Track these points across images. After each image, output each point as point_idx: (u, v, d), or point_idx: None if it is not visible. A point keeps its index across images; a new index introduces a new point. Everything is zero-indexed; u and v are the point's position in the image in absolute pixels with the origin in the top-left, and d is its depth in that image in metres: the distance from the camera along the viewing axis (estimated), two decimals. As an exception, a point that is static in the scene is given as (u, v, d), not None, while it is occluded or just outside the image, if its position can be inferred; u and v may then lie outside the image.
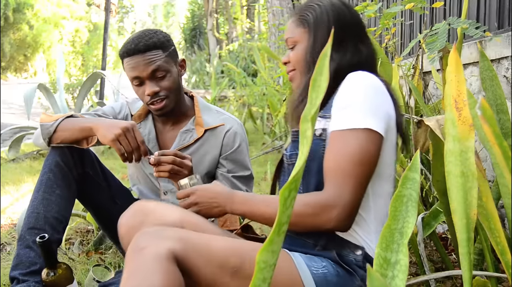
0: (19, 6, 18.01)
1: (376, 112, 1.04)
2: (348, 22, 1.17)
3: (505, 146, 0.71)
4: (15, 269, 1.39)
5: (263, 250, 0.59)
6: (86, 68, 12.58)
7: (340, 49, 1.15)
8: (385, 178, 1.10)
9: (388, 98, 1.09)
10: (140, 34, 1.54)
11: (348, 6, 1.21)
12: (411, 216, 0.78)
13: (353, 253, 1.06)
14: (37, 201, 1.45)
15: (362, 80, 1.08)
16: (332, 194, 1.00)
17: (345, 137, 1.03)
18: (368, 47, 1.19)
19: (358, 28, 1.19)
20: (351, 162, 1.00)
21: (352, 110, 1.04)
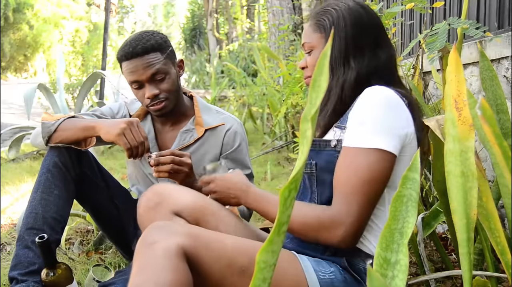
0: (19, 6, 18.02)
1: (388, 131, 1.03)
2: (366, 26, 1.15)
3: (505, 146, 0.71)
4: (14, 269, 1.39)
5: (263, 250, 0.59)
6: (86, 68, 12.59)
7: (357, 56, 1.13)
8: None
9: (404, 114, 1.07)
10: (137, 37, 1.53)
11: (366, 8, 1.17)
12: (411, 216, 0.78)
13: (363, 262, 1.06)
14: (35, 202, 1.45)
15: (378, 96, 1.05)
16: (340, 211, 1.00)
17: (355, 155, 1.03)
18: (387, 50, 1.16)
19: (376, 32, 1.16)
20: (359, 181, 1.00)
21: (364, 128, 1.04)
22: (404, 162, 1.07)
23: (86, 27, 21.38)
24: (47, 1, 19.47)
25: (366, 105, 1.06)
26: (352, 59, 1.12)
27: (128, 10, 37.54)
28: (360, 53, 1.13)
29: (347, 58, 1.13)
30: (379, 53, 1.14)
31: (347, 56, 1.13)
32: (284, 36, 5.96)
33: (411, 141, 1.07)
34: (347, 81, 1.12)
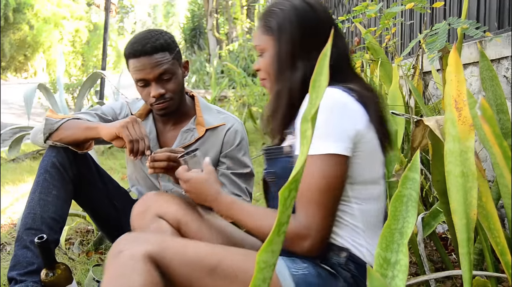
0: (19, 6, 18.01)
1: (336, 134, 1.03)
2: (312, 25, 1.13)
3: (505, 146, 0.71)
4: (13, 270, 1.39)
5: (263, 250, 0.59)
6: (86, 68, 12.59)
7: (304, 56, 1.11)
8: (371, 182, 1.09)
9: (351, 113, 1.06)
10: (146, 35, 1.53)
11: (313, 5, 1.15)
12: (411, 216, 0.78)
13: (337, 256, 1.06)
14: (33, 202, 1.46)
15: (327, 101, 1.04)
16: (303, 223, 1.01)
17: (312, 163, 1.02)
18: (338, 46, 1.13)
19: (324, 29, 1.13)
20: (317, 191, 1.01)
21: (316, 135, 1.02)
22: (365, 156, 1.07)
23: (86, 27, 21.36)
24: (47, 1, 19.46)
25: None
26: (299, 61, 1.11)
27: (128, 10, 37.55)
28: (307, 53, 1.11)
29: (294, 60, 1.12)
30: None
31: (294, 58, 1.12)
32: (284, 36, 5.94)
33: (364, 136, 1.06)
34: (294, 83, 1.12)
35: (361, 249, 1.07)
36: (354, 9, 1.94)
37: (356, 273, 1.05)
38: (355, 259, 1.06)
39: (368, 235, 1.09)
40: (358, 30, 4.14)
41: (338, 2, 5.27)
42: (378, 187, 1.11)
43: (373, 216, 1.10)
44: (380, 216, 1.13)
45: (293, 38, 1.12)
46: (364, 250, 1.07)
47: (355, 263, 1.05)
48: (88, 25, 21.57)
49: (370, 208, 1.09)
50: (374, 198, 1.09)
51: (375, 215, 1.10)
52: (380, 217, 1.13)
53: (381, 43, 2.81)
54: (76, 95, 6.68)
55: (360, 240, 1.07)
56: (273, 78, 1.16)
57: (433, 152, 1.23)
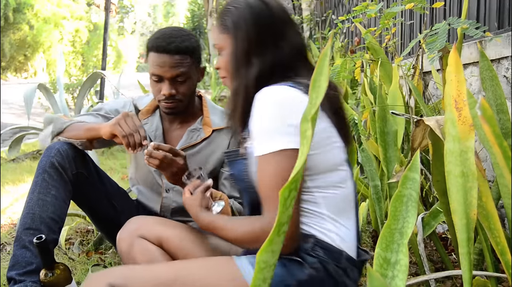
0: (19, 6, 18.01)
1: (284, 129, 1.05)
2: (267, 22, 1.15)
3: (505, 146, 0.71)
4: (12, 270, 1.39)
5: (263, 250, 0.59)
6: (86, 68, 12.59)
7: (259, 53, 1.14)
8: (330, 170, 1.11)
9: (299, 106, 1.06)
10: (173, 33, 1.53)
11: (268, 3, 1.18)
12: (411, 216, 0.78)
13: (303, 243, 1.07)
14: (32, 202, 1.46)
15: (267, 99, 1.07)
16: (268, 221, 1.04)
17: (263, 163, 1.06)
18: (292, 42, 1.16)
19: (279, 26, 1.16)
20: (275, 187, 1.03)
21: (262, 134, 1.06)
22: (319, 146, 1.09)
23: (86, 27, 21.35)
24: (47, 1, 19.45)
25: (258, 111, 1.08)
26: (254, 57, 1.14)
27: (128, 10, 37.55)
28: (262, 50, 1.14)
29: (249, 57, 1.15)
30: (283, 46, 1.15)
31: (249, 55, 1.15)
32: (284, 36, 5.95)
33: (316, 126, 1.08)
34: (249, 80, 1.14)
35: (329, 234, 1.08)
36: (354, 9, 1.94)
37: (325, 257, 1.06)
38: (322, 244, 1.07)
39: (336, 220, 1.10)
40: (358, 30, 4.14)
41: (338, 2, 5.27)
42: (340, 173, 1.12)
43: (339, 201, 1.11)
44: (349, 200, 1.15)
45: (248, 35, 1.14)
46: (332, 235, 1.08)
47: (323, 249, 1.06)
48: (88, 25, 21.56)
49: (335, 195, 1.10)
50: (336, 185, 1.11)
51: (342, 200, 1.12)
52: (349, 201, 1.15)
53: (381, 43, 2.81)
54: (76, 95, 6.68)
55: (327, 226, 1.09)
56: (231, 76, 1.19)
57: (433, 152, 1.23)
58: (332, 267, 1.06)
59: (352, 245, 1.12)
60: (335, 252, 1.07)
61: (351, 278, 1.09)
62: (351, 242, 1.12)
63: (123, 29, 34.16)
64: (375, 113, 1.72)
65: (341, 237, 1.09)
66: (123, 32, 33.08)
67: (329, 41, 0.61)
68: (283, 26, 1.17)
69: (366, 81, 2.47)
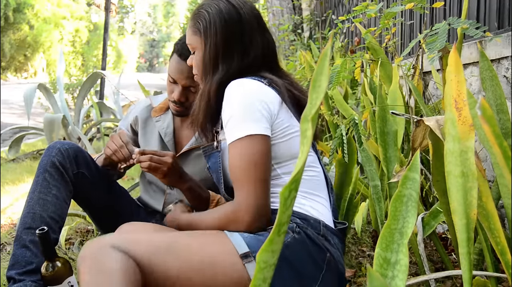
0: (19, 6, 18.00)
1: (251, 116, 1.12)
2: (237, 27, 1.20)
3: (505, 146, 0.71)
4: (12, 269, 1.39)
5: (263, 250, 0.59)
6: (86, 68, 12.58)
7: (227, 57, 1.20)
8: (296, 156, 1.18)
9: (263, 95, 1.15)
10: None
11: (238, 7, 1.22)
12: (411, 216, 0.78)
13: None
14: (33, 201, 1.46)
15: (234, 90, 1.15)
16: (239, 202, 1.12)
17: (234, 149, 1.13)
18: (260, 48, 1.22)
19: (248, 32, 1.21)
20: (244, 170, 1.11)
21: (231, 123, 1.13)
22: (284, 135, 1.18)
23: (86, 27, 21.34)
24: (47, 1, 19.44)
25: (226, 101, 1.15)
26: (221, 64, 1.20)
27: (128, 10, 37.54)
28: (229, 54, 1.20)
29: (217, 61, 1.21)
30: (249, 53, 1.21)
31: (217, 60, 1.21)
32: (284, 36, 5.96)
33: (278, 115, 1.16)
34: (212, 85, 1.21)
35: (304, 207, 1.17)
36: (354, 9, 1.94)
37: (302, 224, 1.13)
38: (298, 214, 1.15)
39: (308, 196, 1.19)
40: (358, 30, 4.14)
41: (338, 2, 5.27)
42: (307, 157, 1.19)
43: (309, 181, 1.20)
44: (319, 180, 1.24)
45: (217, 42, 1.20)
46: (307, 208, 1.17)
47: (299, 218, 1.14)
48: (88, 25, 21.55)
49: (304, 177, 1.18)
50: (305, 168, 1.19)
51: (311, 180, 1.21)
52: (319, 181, 1.24)
53: (381, 43, 2.81)
54: (76, 95, 6.68)
55: (301, 201, 1.17)
56: (202, 76, 1.26)
57: (433, 152, 1.23)
58: (311, 233, 1.13)
59: (328, 217, 1.21)
60: (312, 221, 1.15)
61: (333, 244, 1.17)
62: (326, 214, 1.21)
63: (123, 29, 34.16)
64: (375, 113, 1.72)
65: (316, 210, 1.18)
66: (123, 32, 33.07)
67: (329, 41, 0.61)
68: (252, 33, 1.22)
69: (366, 81, 2.47)
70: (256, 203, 1.10)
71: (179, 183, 1.48)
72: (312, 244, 1.12)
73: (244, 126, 1.11)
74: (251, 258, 1.07)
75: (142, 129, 1.76)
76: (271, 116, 1.15)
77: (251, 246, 1.08)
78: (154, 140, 1.72)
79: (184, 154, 1.67)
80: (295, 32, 6.04)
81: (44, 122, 3.96)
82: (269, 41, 1.26)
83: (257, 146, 1.11)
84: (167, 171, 1.43)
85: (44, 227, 1.28)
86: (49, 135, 3.93)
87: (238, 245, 1.08)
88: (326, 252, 1.13)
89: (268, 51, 1.25)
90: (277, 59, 1.30)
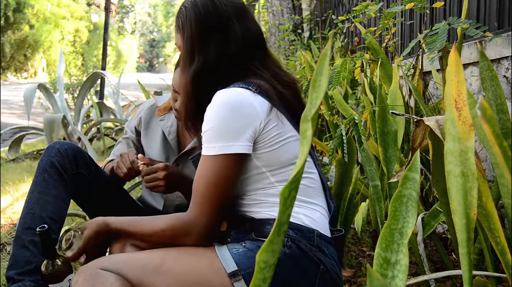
0: (19, 6, 17.99)
1: (228, 134, 1.09)
2: (211, 19, 1.18)
3: (505, 146, 0.71)
4: (11, 269, 1.39)
5: (263, 250, 0.59)
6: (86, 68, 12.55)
7: (202, 50, 1.17)
8: (290, 163, 1.15)
9: (249, 109, 1.11)
10: None
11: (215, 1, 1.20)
12: (411, 216, 0.78)
13: (270, 226, 1.12)
14: (32, 202, 1.46)
15: (220, 102, 1.10)
16: (191, 217, 1.11)
17: (205, 162, 1.11)
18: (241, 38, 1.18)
19: (225, 22, 1.18)
20: (207, 188, 1.10)
21: (207, 135, 1.11)
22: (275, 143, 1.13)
23: (86, 27, 21.34)
24: (47, 1, 19.44)
25: (208, 114, 1.11)
26: (197, 54, 1.17)
27: (128, 10, 37.53)
28: (206, 46, 1.17)
29: (193, 54, 1.18)
30: (228, 41, 1.17)
31: (193, 52, 1.18)
32: (284, 36, 5.96)
33: (267, 125, 1.12)
34: (188, 76, 1.18)
35: (297, 216, 1.13)
36: (354, 9, 1.94)
37: (295, 236, 1.10)
38: (291, 225, 1.11)
39: (302, 204, 1.15)
40: (358, 30, 4.14)
41: (338, 2, 5.27)
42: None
43: (304, 188, 1.16)
44: (315, 186, 1.20)
45: (192, 34, 1.18)
46: (300, 216, 1.13)
47: (292, 229, 1.11)
48: (88, 25, 21.55)
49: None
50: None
51: (307, 187, 1.17)
52: (314, 186, 1.19)
53: (381, 43, 2.81)
54: (76, 95, 6.68)
55: (295, 209, 1.13)
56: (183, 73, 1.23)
57: (433, 152, 1.23)
58: (304, 245, 1.10)
59: (323, 225, 1.17)
60: (305, 231, 1.11)
61: (327, 254, 1.13)
62: (322, 222, 1.17)
63: (123, 29, 34.14)
64: (375, 113, 1.72)
65: (310, 218, 1.14)
66: (123, 32, 33.06)
67: (329, 41, 0.61)
68: (230, 23, 1.18)
69: (366, 81, 2.47)
70: (207, 225, 1.10)
71: (180, 189, 1.50)
72: (304, 258, 1.10)
73: (218, 144, 1.09)
74: (240, 276, 1.06)
75: (144, 129, 1.77)
76: (255, 130, 1.11)
77: (240, 263, 1.07)
78: (156, 140, 1.73)
79: (187, 153, 1.68)
80: (295, 32, 6.04)
81: (44, 122, 3.96)
82: (251, 30, 1.21)
83: (223, 169, 1.09)
84: (165, 185, 1.45)
85: (45, 225, 1.28)
86: (49, 135, 3.93)
87: (226, 264, 1.07)
88: (320, 264, 1.10)
89: (251, 40, 1.20)
90: (264, 47, 1.25)
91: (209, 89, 1.16)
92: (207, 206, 1.10)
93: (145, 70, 43.92)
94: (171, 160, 1.70)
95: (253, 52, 1.20)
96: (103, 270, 1.05)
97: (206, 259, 1.09)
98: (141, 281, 1.04)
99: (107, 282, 1.02)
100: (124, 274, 1.05)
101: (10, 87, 13.65)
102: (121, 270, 1.05)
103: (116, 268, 1.05)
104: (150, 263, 1.07)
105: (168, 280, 1.05)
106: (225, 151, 1.08)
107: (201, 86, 1.17)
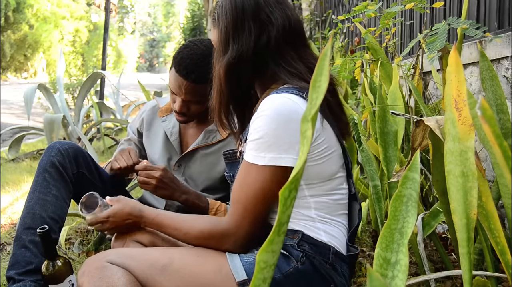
0: (19, 6, 17.99)
1: (281, 146, 1.02)
2: (248, 5, 1.11)
3: (505, 146, 0.71)
4: (11, 269, 1.39)
5: (263, 250, 0.59)
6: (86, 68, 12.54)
7: (238, 37, 1.10)
8: (328, 179, 1.11)
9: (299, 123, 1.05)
10: (200, 59, 1.49)
11: None
12: (411, 216, 0.78)
13: (290, 239, 1.09)
14: (33, 202, 1.46)
15: (274, 111, 1.03)
16: (232, 225, 1.08)
17: (251, 171, 1.05)
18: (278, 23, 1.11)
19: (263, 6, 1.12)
20: (253, 199, 1.05)
21: (259, 144, 1.03)
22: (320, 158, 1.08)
23: (86, 27, 21.33)
24: (47, 1, 19.43)
25: (261, 122, 1.04)
26: (232, 42, 1.11)
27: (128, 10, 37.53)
28: (241, 34, 1.10)
29: (228, 43, 1.12)
30: (266, 28, 1.10)
31: (228, 41, 1.12)
32: (284, 36, 5.93)
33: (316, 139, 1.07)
34: (222, 65, 1.11)
35: (316, 231, 1.09)
36: (354, 8, 1.94)
37: (311, 252, 1.07)
38: (309, 239, 1.08)
39: (325, 220, 1.11)
40: (358, 30, 4.14)
41: (338, 2, 5.27)
42: (336, 180, 1.13)
43: (331, 205, 1.12)
44: (341, 202, 1.15)
45: (227, 23, 1.12)
46: (321, 232, 1.10)
47: (309, 244, 1.08)
48: (88, 25, 21.53)
49: (327, 200, 1.11)
50: (330, 192, 1.12)
51: (333, 204, 1.13)
52: (340, 203, 1.15)
53: (381, 43, 2.81)
54: (76, 95, 6.68)
55: (316, 224, 1.10)
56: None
57: (433, 152, 1.23)
58: (318, 262, 1.07)
59: (341, 241, 1.13)
60: (321, 247, 1.08)
61: (340, 273, 1.10)
62: (341, 238, 1.13)
63: (123, 29, 34.14)
64: (375, 113, 1.72)
65: (329, 234, 1.10)
66: (123, 32, 33.05)
67: (329, 41, 0.61)
68: (269, 10, 1.12)
69: (366, 81, 2.47)
70: (245, 236, 1.07)
71: (172, 196, 1.50)
72: (315, 274, 1.07)
73: (268, 155, 1.02)
74: (248, 286, 1.04)
75: (146, 130, 1.77)
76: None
77: (250, 273, 1.05)
78: (158, 141, 1.73)
79: (190, 153, 1.68)
80: (295, 32, 6.03)
81: (44, 122, 3.96)
82: (290, 18, 1.14)
83: (270, 181, 1.03)
84: (156, 185, 1.45)
85: (45, 226, 1.29)
86: (49, 135, 3.93)
87: (236, 272, 1.05)
88: (331, 283, 1.08)
89: (290, 29, 1.13)
90: (304, 37, 1.17)
91: (244, 82, 1.12)
92: (247, 218, 1.06)
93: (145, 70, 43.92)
94: (173, 161, 1.70)
95: (293, 41, 1.13)
96: (110, 263, 1.05)
97: (214, 264, 1.07)
98: (148, 278, 1.04)
99: (114, 276, 1.02)
100: (132, 269, 1.04)
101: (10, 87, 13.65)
102: (129, 265, 1.05)
103: (123, 263, 1.05)
104: (158, 262, 1.07)
105: (175, 281, 1.05)
106: (275, 163, 1.02)
107: (236, 78, 1.11)
